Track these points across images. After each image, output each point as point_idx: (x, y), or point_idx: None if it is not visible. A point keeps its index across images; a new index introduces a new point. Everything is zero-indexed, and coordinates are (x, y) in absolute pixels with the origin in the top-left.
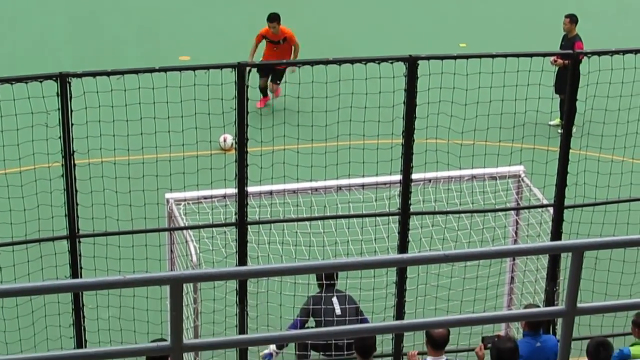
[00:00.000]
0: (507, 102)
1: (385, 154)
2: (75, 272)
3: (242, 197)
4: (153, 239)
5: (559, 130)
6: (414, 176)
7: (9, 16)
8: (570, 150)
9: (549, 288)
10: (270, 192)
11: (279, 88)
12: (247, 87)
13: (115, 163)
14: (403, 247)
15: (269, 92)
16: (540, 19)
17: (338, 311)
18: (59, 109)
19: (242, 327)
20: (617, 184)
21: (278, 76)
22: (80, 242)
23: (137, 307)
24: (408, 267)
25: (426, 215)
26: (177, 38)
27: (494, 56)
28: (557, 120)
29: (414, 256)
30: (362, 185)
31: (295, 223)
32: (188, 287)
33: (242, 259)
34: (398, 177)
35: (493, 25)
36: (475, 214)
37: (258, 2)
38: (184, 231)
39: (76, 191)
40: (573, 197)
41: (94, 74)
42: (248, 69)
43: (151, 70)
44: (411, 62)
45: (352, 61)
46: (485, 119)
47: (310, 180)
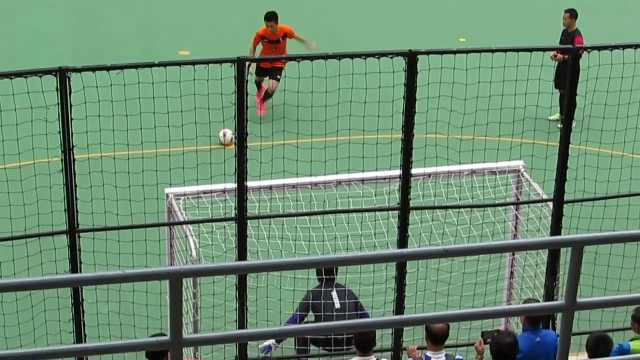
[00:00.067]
0: (506, 97)
1: (385, 149)
2: (74, 266)
3: (241, 192)
4: (152, 234)
5: (559, 125)
6: (413, 171)
7: (8, 10)
8: (570, 145)
9: (548, 283)
10: (270, 187)
11: (264, 106)
12: (247, 81)
13: (114, 158)
14: (402, 241)
15: (266, 94)
16: (540, 14)
17: (337, 305)
18: (58, 104)
19: (241, 322)
20: (616, 178)
21: (278, 71)
22: (79, 236)
23: (137, 301)
24: (407, 262)
25: (426, 210)
26: (176, 33)
27: (493, 51)
28: (556, 115)
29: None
30: (362, 180)
31: (295, 218)
32: (187, 281)
33: (242, 254)
34: (397, 172)
35: (493, 20)
36: (474, 209)
37: None
38: (184, 226)
39: (75, 186)
40: (573, 191)
41: (94, 69)
42: (248, 63)
43: (150, 65)
44: (411, 57)
45: (352, 56)
46: (484, 113)
47: (310, 175)
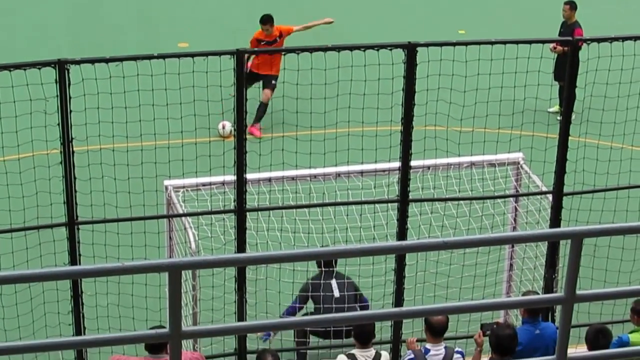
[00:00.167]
0: (506, 89)
1: (384, 141)
2: (73, 259)
3: (240, 184)
4: (152, 226)
5: (558, 117)
6: (412, 163)
7: (8, 2)
8: (570, 137)
9: (547, 275)
10: (269, 179)
11: (256, 128)
12: (246, 74)
13: (113, 150)
14: (402, 234)
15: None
16: (539, 6)
17: (337, 294)
18: (57, 96)
19: (241, 314)
20: (616, 171)
21: (273, 78)
22: (78, 229)
23: (136, 294)
24: (407, 254)
25: (425, 203)
26: (175, 25)
27: (493, 43)
28: (556, 107)
29: (413, 243)
30: (361, 172)
31: (294, 210)
32: (187, 274)
33: (241, 246)
34: (397, 164)
35: (492, 12)
36: (474, 201)
37: None
38: (183, 218)
39: (75, 178)
40: (572, 184)
41: (93, 61)
42: (247, 56)
43: (150, 57)
44: (410, 49)
45: (351, 48)
46: (484, 105)
47: (309, 167)
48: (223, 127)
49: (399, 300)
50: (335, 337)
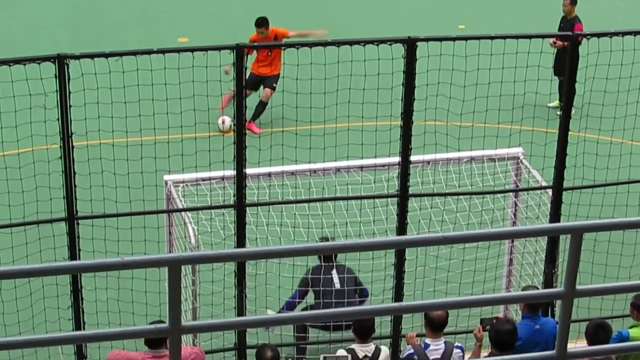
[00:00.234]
0: (506, 84)
1: (384, 136)
2: (73, 254)
3: (240, 179)
4: (151, 221)
5: (558, 112)
6: (412, 158)
7: None
8: (569, 132)
9: (547, 270)
10: (269, 174)
11: (254, 125)
12: (246, 69)
13: (113, 145)
14: (402, 229)
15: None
16: (540, 1)
17: (337, 285)
18: (56, 91)
19: (240, 309)
20: (616, 165)
21: (274, 79)
22: (78, 223)
23: (136, 289)
24: (407, 249)
25: (425, 197)
26: (175, 19)
27: (492, 38)
28: (556, 102)
29: (413, 238)
30: (361, 167)
31: (294, 205)
32: (186, 269)
33: (241, 241)
34: (397, 159)
35: (492, 7)
36: (474, 196)
37: None
38: (183, 213)
39: (74, 173)
40: (572, 179)
41: (92, 56)
42: (246, 50)
43: (149, 52)
44: (410, 44)
45: (351, 43)
46: (484, 100)
47: (309, 162)
48: (223, 122)
49: (398, 295)
50: (335, 329)
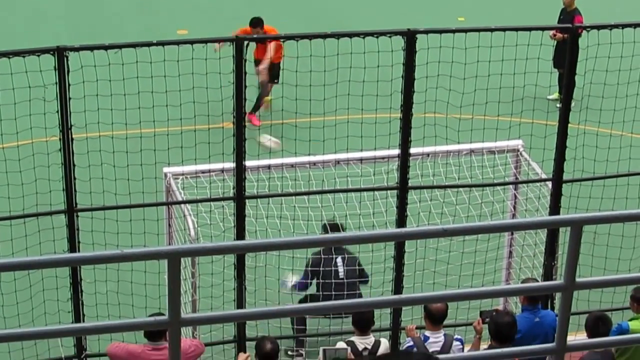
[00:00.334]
0: (505, 76)
1: (384, 128)
2: (73, 246)
3: (240, 171)
4: (151, 213)
5: (558, 105)
6: (412, 150)
7: None
8: (569, 124)
9: (547, 262)
10: (269, 166)
11: (254, 117)
12: (245, 61)
13: (113, 137)
14: (401, 221)
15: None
16: None
17: (342, 274)
18: (56, 83)
19: (240, 302)
20: (615, 158)
21: (275, 75)
22: (78, 216)
23: (135, 281)
24: (406, 242)
25: (424, 190)
26: (174, 12)
27: (492, 30)
28: (555, 95)
29: (412, 230)
30: (361, 160)
31: (293, 197)
32: (186, 261)
33: (240, 233)
34: (396, 151)
35: None
36: (473, 189)
37: None
38: (182, 205)
39: (74, 165)
40: (572, 171)
41: (92, 48)
42: (246, 43)
43: (149, 44)
44: (409, 36)
45: (351, 35)
46: (483, 93)
47: (309, 154)
48: (266, 141)
49: (398, 288)
50: (336, 315)
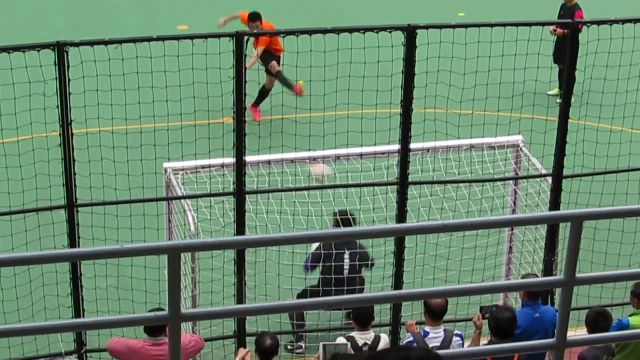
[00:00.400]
0: (505, 72)
1: (384, 124)
2: (72, 241)
3: (240, 167)
4: (151, 209)
5: (558, 100)
6: (412, 146)
7: None
8: (569, 119)
9: (547, 258)
10: (269, 162)
11: (256, 111)
12: (245, 56)
13: (113, 132)
14: (401, 216)
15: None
16: None
17: (346, 268)
18: (56, 78)
19: (240, 297)
20: (615, 153)
21: (268, 59)
22: (78, 211)
23: (135, 276)
24: (406, 237)
25: (424, 185)
26: (174, 7)
27: (492, 25)
28: (555, 90)
29: (412, 226)
30: (360, 155)
31: (293, 192)
32: (186, 256)
33: (240, 229)
34: (396, 147)
35: None
36: (473, 184)
37: None
38: (182, 200)
39: (74, 160)
40: (572, 166)
41: (92, 43)
42: (246, 38)
43: (149, 39)
44: (410, 31)
45: (351, 30)
46: (483, 88)
47: (309, 150)
48: (319, 170)
49: (398, 283)
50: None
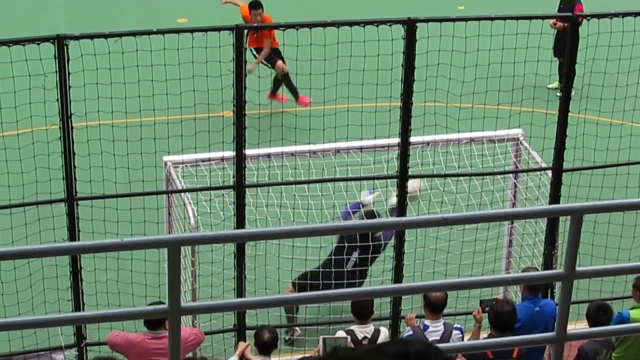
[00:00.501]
0: (505, 65)
1: (384, 117)
2: (73, 234)
3: (240, 160)
4: (151, 202)
5: (558, 93)
6: (412, 139)
7: None
8: (569, 113)
9: (547, 252)
10: (269, 155)
11: (280, 95)
12: (245, 49)
13: (113, 126)
14: (401, 210)
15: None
16: None
17: (351, 263)
18: (56, 72)
19: (240, 290)
20: (615, 147)
21: (277, 52)
22: (78, 204)
23: (135, 270)
24: (406, 230)
25: (424, 178)
26: (175, 0)
27: (492, 19)
28: (556, 83)
29: (412, 219)
30: (361, 148)
31: (294, 186)
32: (186, 249)
33: (240, 222)
34: (396, 140)
35: None
36: (473, 177)
37: None
38: (182, 194)
39: (74, 154)
40: (572, 160)
41: (92, 36)
42: (246, 31)
43: (149, 33)
44: (410, 25)
45: (351, 24)
46: (484, 81)
47: (309, 143)
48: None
49: (398, 277)
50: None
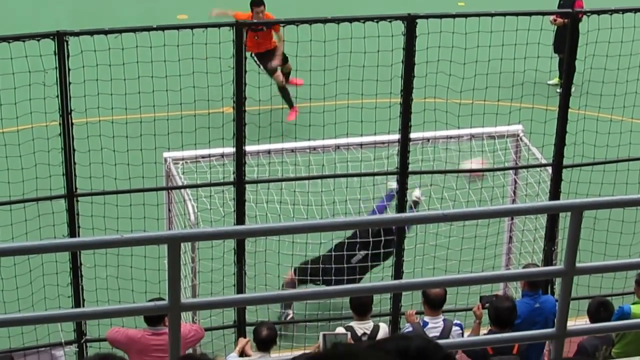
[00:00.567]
0: (506, 61)
1: (384, 113)
2: (72, 231)
3: (240, 156)
4: (151, 198)
5: (558, 90)
6: (412, 135)
7: None
8: (569, 109)
9: (547, 248)
10: (269, 151)
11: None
12: (245, 46)
13: (113, 122)
14: (401, 206)
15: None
16: None
17: (354, 260)
18: (56, 68)
19: (240, 287)
20: (615, 143)
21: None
22: (78, 201)
23: (135, 266)
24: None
25: (424, 175)
26: None
27: (492, 15)
28: (556, 80)
29: (412, 215)
30: (361, 145)
31: (294, 182)
32: (186, 246)
33: (240, 218)
34: (396, 136)
35: None
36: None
37: None
38: (182, 190)
39: (74, 150)
40: (572, 156)
41: (92, 33)
42: (245, 29)
43: (149, 29)
44: (410, 21)
45: (351, 20)
46: (484, 78)
47: (309, 139)
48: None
49: (398, 273)
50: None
